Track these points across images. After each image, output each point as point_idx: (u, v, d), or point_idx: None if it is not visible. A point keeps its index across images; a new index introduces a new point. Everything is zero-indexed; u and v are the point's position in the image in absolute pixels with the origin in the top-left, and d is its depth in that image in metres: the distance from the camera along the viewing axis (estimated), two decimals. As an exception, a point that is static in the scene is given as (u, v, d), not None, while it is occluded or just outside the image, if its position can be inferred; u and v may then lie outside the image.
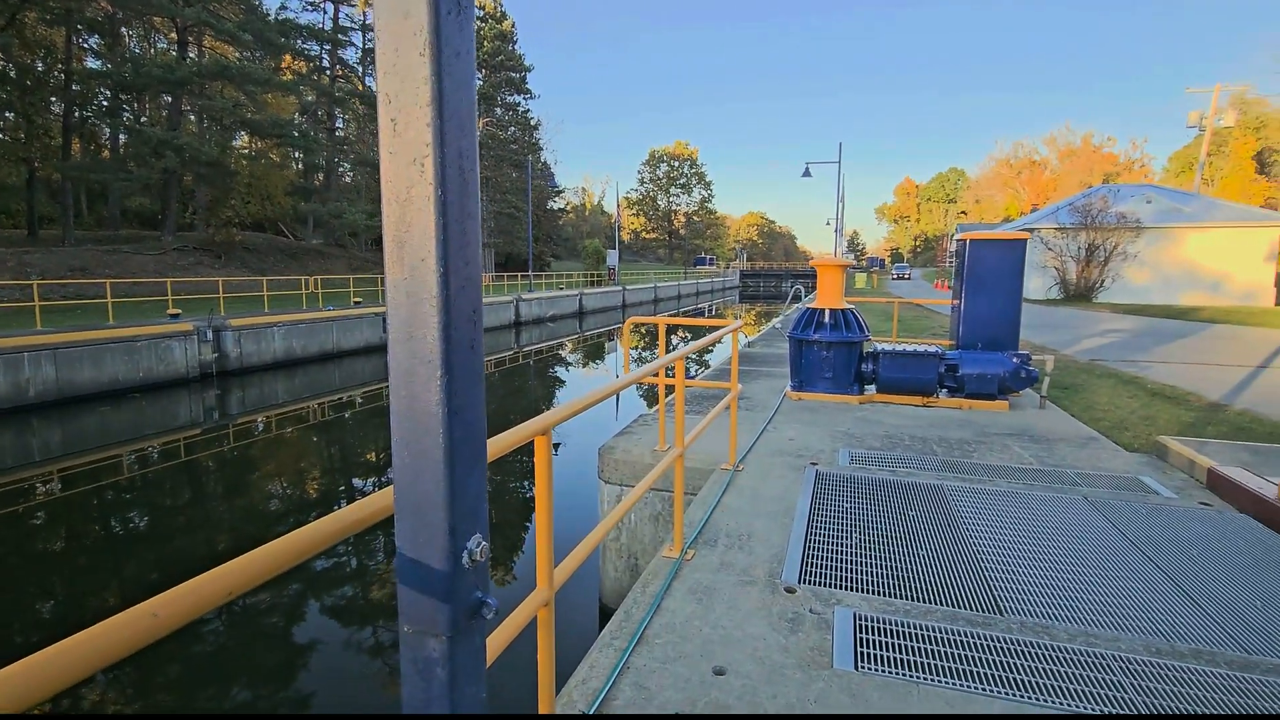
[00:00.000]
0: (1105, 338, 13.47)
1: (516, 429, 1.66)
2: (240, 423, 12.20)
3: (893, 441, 5.44)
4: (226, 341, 15.23)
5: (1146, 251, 25.68)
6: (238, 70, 28.81)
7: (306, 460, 10.48)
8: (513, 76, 51.06)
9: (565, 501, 7.89)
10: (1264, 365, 9.63)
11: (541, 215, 54.18)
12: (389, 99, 0.88)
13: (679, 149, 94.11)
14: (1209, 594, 2.92)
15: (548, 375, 19.24)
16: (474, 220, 0.96)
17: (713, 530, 3.58)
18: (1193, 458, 4.62)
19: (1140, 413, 6.40)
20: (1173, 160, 60.40)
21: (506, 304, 28.07)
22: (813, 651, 2.44)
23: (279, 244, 35.76)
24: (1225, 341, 12.90)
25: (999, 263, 6.87)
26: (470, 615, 1.01)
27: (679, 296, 51.71)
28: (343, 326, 18.67)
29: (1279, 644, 2.54)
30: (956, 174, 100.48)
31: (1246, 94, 47.46)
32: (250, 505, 8.32)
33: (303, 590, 6.02)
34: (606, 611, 5.02)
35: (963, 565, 3.17)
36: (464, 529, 0.98)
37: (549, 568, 1.77)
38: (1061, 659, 2.41)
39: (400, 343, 0.93)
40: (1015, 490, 4.20)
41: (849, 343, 6.86)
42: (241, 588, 0.87)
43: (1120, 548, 3.38)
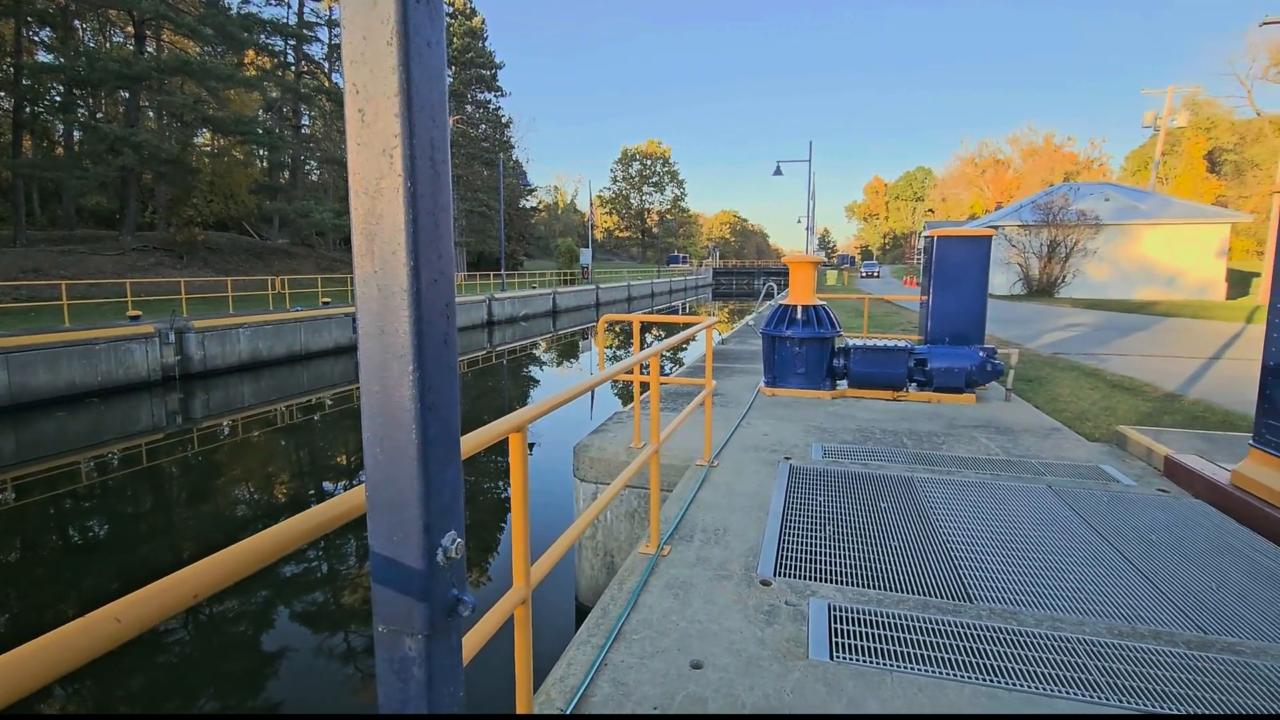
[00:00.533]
0: (1067, 332, 13.84)
1: (491, 426, 1.65)
2: (205, 427, 11.89)
3: (864, 435, 5.52)
4: (190, 343, 14.82)
5: (1105, 248, 26.45)
6: (198, 65, 27.98)
7: (275, 464, 10.26)
8: (483, 74, 50.56)
9: (541, 500, 7.84)
10: (1216, 357, 9.99)
11: (514, 214, 53.74)
12: (356, 89, 0.87)
13: (651, 147, 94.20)
14: (1167, 577, 3.02)
15: (522, 375, 19.12)
16: (446, 213, 0.95)
17: (688, 526, 3.59)
18: (1150, 446, 4.77)
19: (1101, 404, 6.59)
20: (1130, 159, 62.27)
21: (479, 303, 27.80)
22: (788, 643, 2.46)
23: (244, 244, 34.90)
24: (1179, 334, 13.36)
25: (965, 259, 7.01)
26: (447, 613, 1.00)
27: (653, 295, 51.77)
28: (311, 327, 18.30)
29: (1232, 623, 2.65)
30: (924, 173, 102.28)
31: (1198, 96, 49.15)
32: (217, 511, 8.11)
33: (272, 596, 5.89)
34: (583, 610, 5.01)
35: (933, 555, 3.23)
36: (439, 526, 0.97)
37: (525, 566, 1.76)
38: (1029, 643, 2.47)
39: (371, 337, 0.91)
40: (983, 480, 4.30)
41: (821, 339, 6.94)
42: (209, 589, 0.85)
43: (1083, 534, 3.48)
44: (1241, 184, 47.31)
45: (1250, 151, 47.57)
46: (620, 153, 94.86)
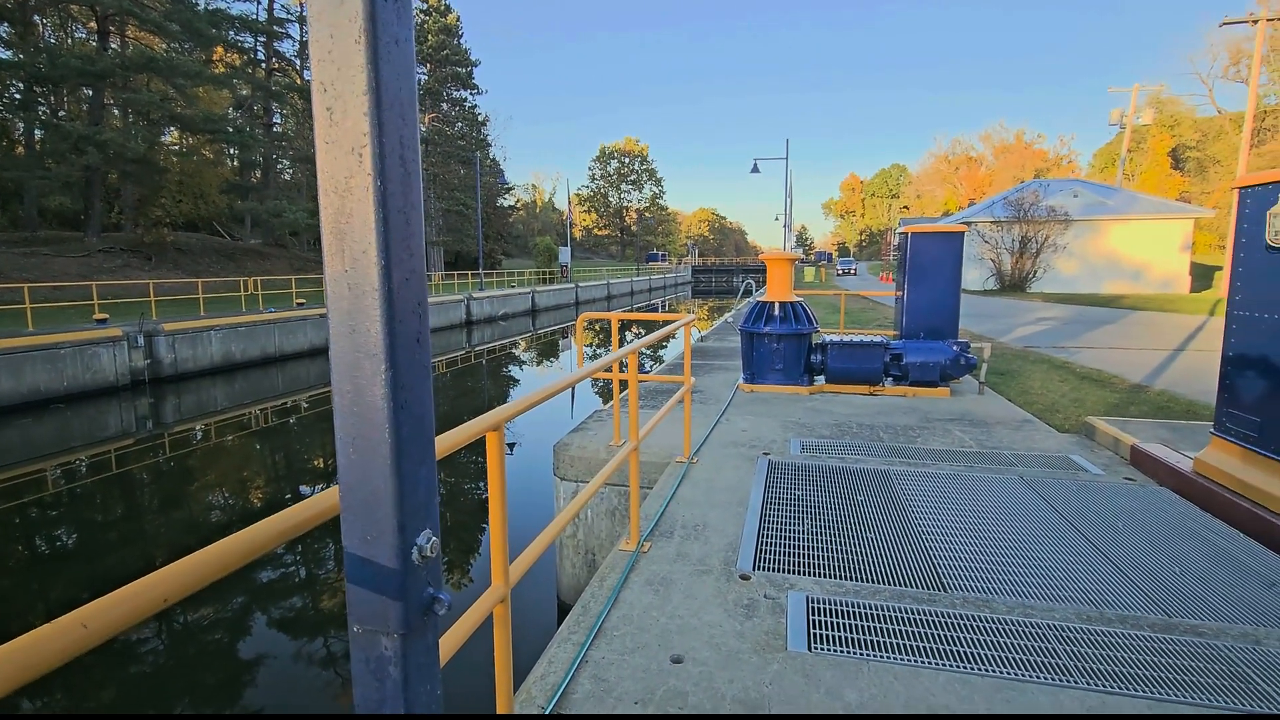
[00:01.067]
0: (1038, 325, 14.12)
1: (467, 425, 1.64)
2: (177, 431, 11.66)
3: (842, 430, 5.59)
4: (160, 347, 14.51)
5: (1074, 243, 27.03)
6: (165, 62, 27.33)
7: (250, 468, 10.09)
8: (458, 71, 50.08)
9: (522, 499, 7.82)
10: (1180, 348, 10.27)
11: (491, 213, 53.36)
12: (324, 88, 0.86)
13: (629, 145, 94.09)
14: (1133, 563, 3.11)
15: (501, 374, 19.01)
16: (417, 211, 0.95)
17: (669, 522, 3.61)
18: (1118, 436, 4.90)
19: (1070, 395, 6.74)
20: (1097, 156, 63.64)
21: (457, 303, 27.57)
22: (767, 635, 2.49)
23: (214, 244, 34.21)
24: (1145, 327, 13.70)
25: (939, 254, 7.12)
26: (423, 612, 1.00)
27: (632, 293, 51.78)
28: (285, 329, 18.02)
29: (1195, 606, 2.73)
30: (899, 170, 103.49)
31: (1162, 94, 50.37)
32: (190, 516, 7.96)
33: (249, 600, 5.80)
34: (565, 608, 5.01)
35: (909, 546, 3.29)
36: (414, 525, 0.97)
37: (504, 564, 1.76)
38: (1001, 630, 2.52)
39: (343, 336, 0.91)
40: (957, 472, 4.38)
41: (798, 335, 7.00)
42: (179, 593, 0.84)
43: (1054, 523, 3.56)
44: (1204, 180, 48.62)
45: (1212, 148, 48.89)
46: (598, 151, 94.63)
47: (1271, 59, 42.67)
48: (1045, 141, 71.96)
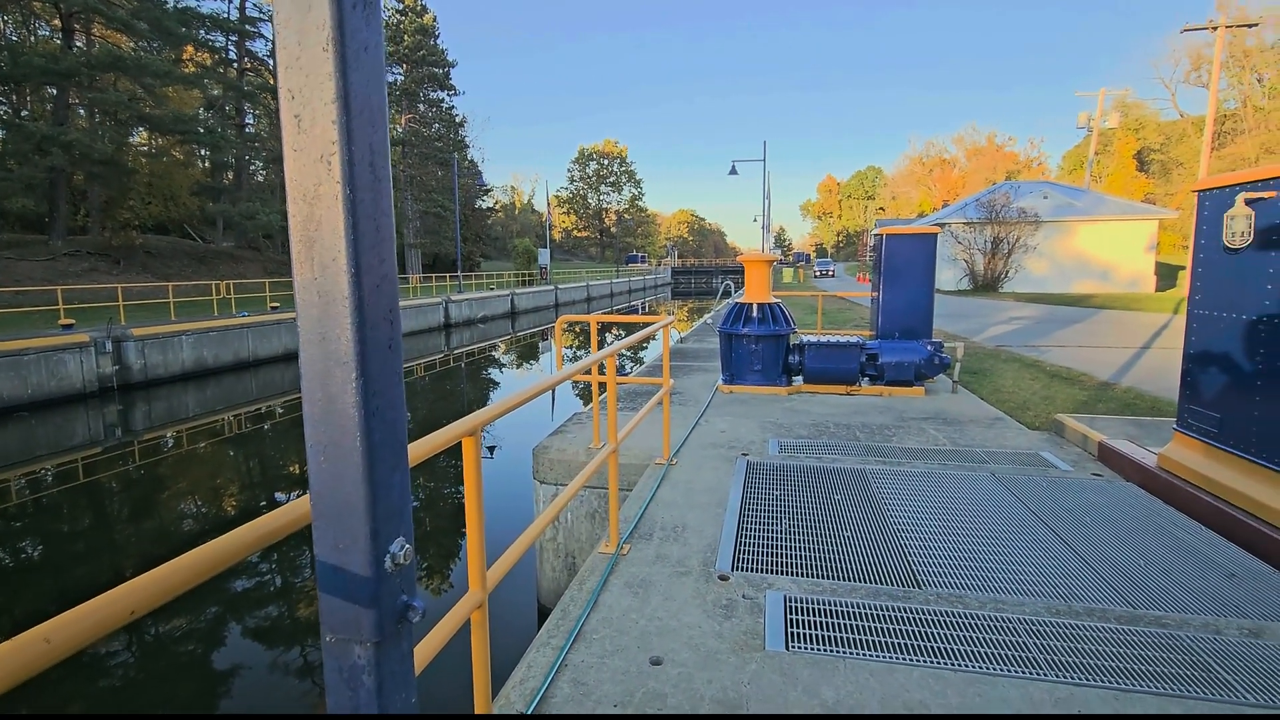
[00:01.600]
0: (1010, 325, 14.39)
1: (444, 430, 1.64)
2: (147, 439, 11.40)
3: (819, 430, 5.65)
4: (129, 352, 14.18)
5: (1045, 244, 27.59)
6: (132, 61, 26.74)
7: (223, 475, 9.90)
8: (435, 72, 49.67)
9: (502, 504, 7.77)
10: (1146, 346, 10.54)
11: (470, 214, 52.96)
12: (292, 95, 0.86)
13: (608, 147, 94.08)
14: (1100, 556, 3.19)
15: (480, 377, 18.89)
16: (388, 217, 0.95)
17: (648, 524, 3.62)
18: (1086, 433, 5.02)
19: (1041, 393, 6.89)
20: (1066, 158, 65.02)
21: (435, 306, 27.34)
22: (745, 635, 2.51)
23: (185, 247, 33.53)
24: (1113, 326, 14.03)
25: (913, 256, 7.23)
26: (396, 620, 1.00)
27: (612, 294, 51.76)
28: (258, 333, 17.72)
29: (1159, 598, 2.81)
30: (874, 172, 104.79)
31: (1127, 98, 51.63)
32: (162, 526, 7.79)
33: (223, 610, 5.70)
34: (545, 611, 4.99)
35: (884, 543, 3.33)
36: (387, 532, 0.97)
37: (481, 570, 1.76)
38: (974, 625, 2.57)
39: (313, 344, 0.91)
40: (931, 470, 4.45)
41: (776, 336, 7.06)
42: (147, 606, 0.83)
43: (1024, 519, 3.63)
44: (1168, 182, 49.94)
45: (1175, 151, 50.26)
46: (577, 152, 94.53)
47: (1230, 64, 44.00)
48: (1016, 144, 73.51)
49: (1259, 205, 3.35)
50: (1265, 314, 3.32)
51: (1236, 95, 46.48)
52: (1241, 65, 45.28)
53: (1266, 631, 2.54)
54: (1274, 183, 3.26)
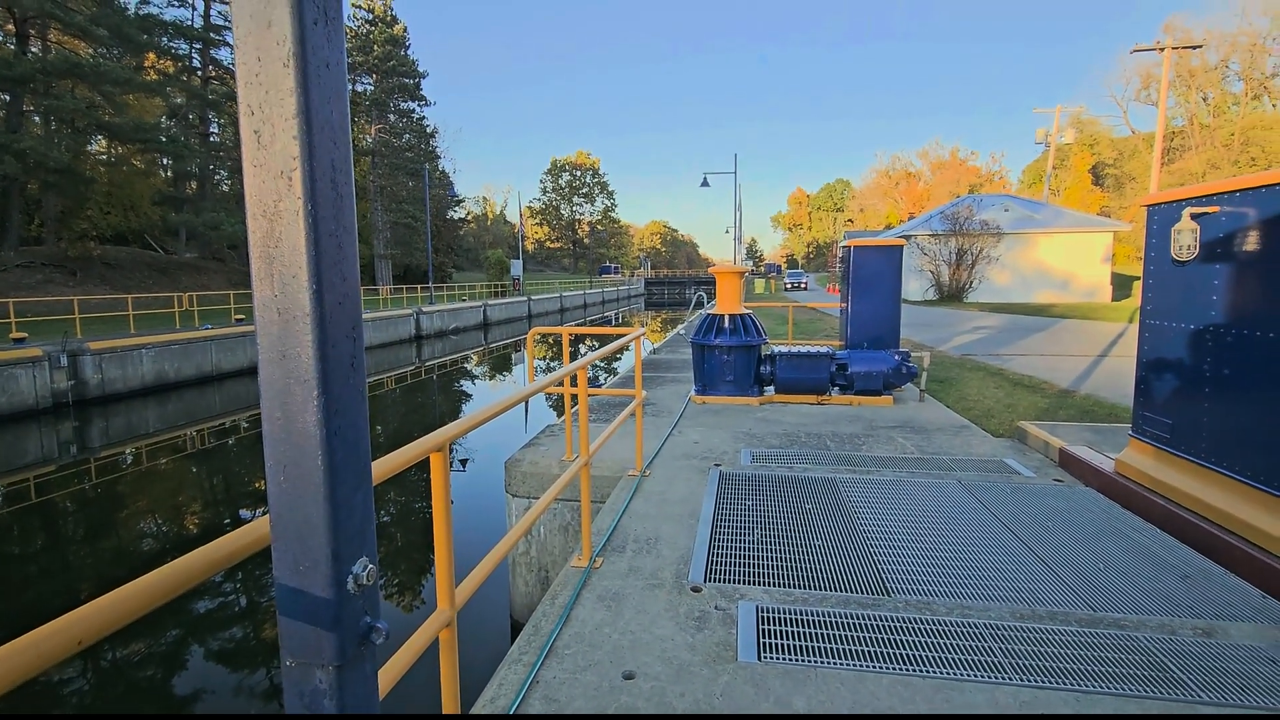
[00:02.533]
0: (975, 334, 14.73)
1: (411, 446, 1.62)
2: (104, 456, 11.02)
3: (790, 439, 5.70)
4: (85, 367, 13.72)
5: (1007, 255, 28.36)
6: (91, 68, 26.04)
7: (184, 493, 9.61)
8: (406, 82, 49.34)
9: (473, 517, 7.68)
10: (1103, 354, 10.88)
11: (441, 225, 52.53)
12: (251, 110, 0.86)
13: (581, 158, 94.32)
14: (1062, 561, 3.27)
15: (452, 390, 18.68)
16: (350, 234, 0.94)
17: (621, 537, 3.61)
18: (1047, 440, 5.15)
19: (1004, 401, 7.05)
20: (1026, 172, 67.08)
21: (406, 317, 27.00)
22: (718, 647, 2.52)
23: (146, 258, 32.63)
24: (1073, 334, 14.46)
25: (880, 267, 7.38)
26: (359, 642, 0.98)
27: (585, 305, 51.71)
28: (222, 346, 17.30)
29: (1117, 600, 2.89)
30: (843, 184, 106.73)
31: (1082, 115, 53.55)
32: (119, 548, 7.52)
33: (182, 634, 5.51)
34: (518, 627, 4.93)
35: (854, 552, 3.37)
36: (349, 552, 0.96)
37: (449, 587, 1.73)
38: (941, 631, 2.61)
39: (273, 362, 0.90)
40: (899, 478, 4.52)
41: (748, 346, 7.13)
42: (95, 634, 0.80)
43: (989, 525, 3.71)
44: (1121, 195, 51.80)
45: (1128, 166, 52.21)
46: (550, 163, 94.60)
47: (1177, 84, 45.93)
48: (978, 158, 75.69)
49: (1203, 220, 3.50)
50: (1211, 324, 3.46)
51: (1184, 113, 48.53)
52: (1188, 85, 47.34)
53: (1217, 631, 2.63)
54: (1217, 198, 3.41)
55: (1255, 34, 45.53)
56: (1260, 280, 3.18)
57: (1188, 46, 30.97)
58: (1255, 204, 3.18)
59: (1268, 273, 3.13)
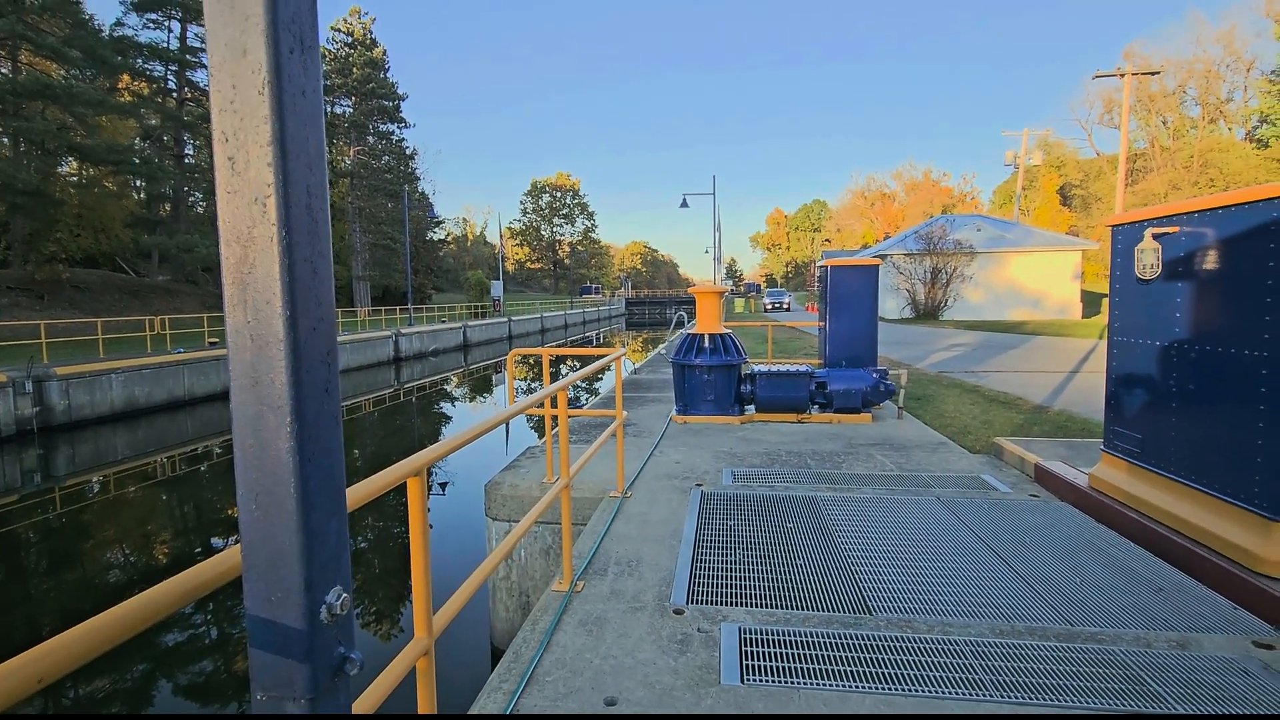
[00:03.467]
0: (950, 351, 14.97)
1: (387, 471, 1.60)
2: (70, 485, 10.70)
3: (771, 458, 5.72)
4: (51, 392, 13.37)
5: (980, 273, 28.97)
6: (63, 89, 25.78)
7: (155, 522, 9.35)
8: (385, 105, 49.45)
9: (454, 543, 7.57)
10: (1075, 370, 11.10)
11: (421, 246, 52.34)
12: (226, 137, 0.86)
13: (561, 180, 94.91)
14: (1039, 576, 3.30)
15: (432, 412, 18.48)
16: (325, 260, 0.94)
17: (602, 559, 3.58)
18: (1023, 455, 5.23)
19: (980, 418, 7.16)
20: (996, 193, 68.76)
21: (384, 339, 26.75)
22: (701, 670, 2.50)
23: (117, 281, 32.05)
24: (1046, 351, 14.75)
25: (857, 286, 7.48)
26: (333, 674, 0.97)
27: (566, 326, 51.67)
28: (195, 370, 16.97)
29: (1094, 614, 2.92)
30: (820, 205, 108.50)
31: (1049, 137, 55.26)
32: (85, 580, 7.28)
33: (151, 668, 5.33)
34: (499, 653, 4.84)
35: (836, 570, 3.38)
36: (323, 582, 0.94)
37: (427, 615, 1.70)
38: (923, 649, 2.62)
39: (246, 389, 0.89)
40: (879, 496, 4.55)
41: (728, 366, 7.17)
42: (56, 672, 0.78)
43: (968, 541, 3.74)
44: (1088, 215, 53.27)
45: (1093, 187, 53.78)
46: (530, 185, 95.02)
47: (1139, 108, 47.59)
48: (950, 179, 77.54)
49: (1165, 239, 3.62)
50: (1175, 340, 3.56)
51: (1145, 136, 50.26)
52: (1148, 109, 49.10)
53: (1191, 643, 2.67)
54: (1177, 219, 3.53)
55: (1210, 61, 47.53)
56: (1219, 297, 3.29)
57: (1147, 73, 32.22)
58: (1213, 224, 3.29)
59: (1226, 290, 3.24)
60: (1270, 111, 44.58)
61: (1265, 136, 45.26)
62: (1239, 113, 48.48)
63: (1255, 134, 47.24)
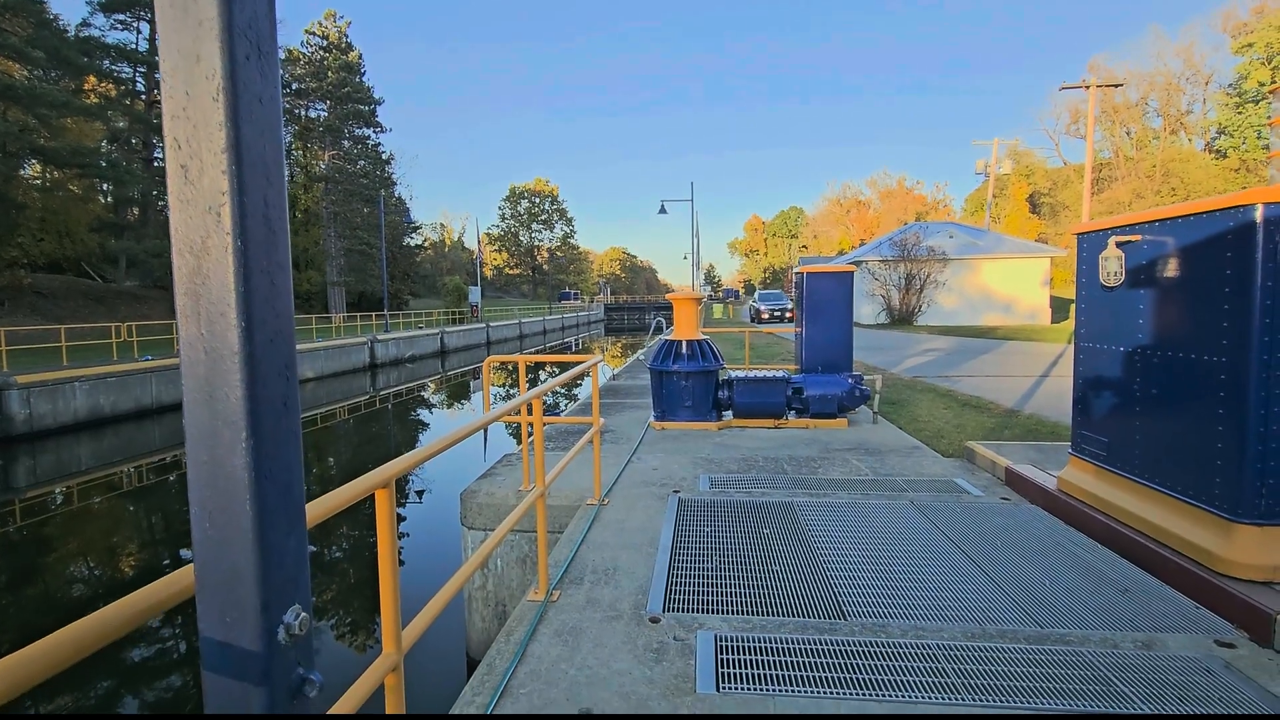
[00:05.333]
0: (924, 356, 15.18)
1: (355, 483, 1.57)
2: (29, 497, 10.36)
3: (748, 464, 5.74)
4: (11, 401, 12.95)
5: (953, 279, 29.48)
6: (25, 90, 25.11)
7: (119, 534, 9.09)
8: (360, 109, 48.92)
9: (429, 553, 7.48)
10: (1045, 374, 11.33)
11: (397, 252, 51.79)
12: (179, 144, 0.83)
13: (539, 185, 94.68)
14: (1010, 578, 3.35)
15: (407, 419, 18.25)
16: (284, 270, 0.92)
17: (579, 568, 3.55)
18: (994, 459, 5.31)
19: (953, 422, 7.26)
20: (968, 201, 70.05)
21: (360, 346, 26.39)
22: (676, 679, 2.48)
23: (82, 287, 31.22)
24: (1017, 356, 15.03)
25: (832, 292, 7.56)
26: (291, 696, 0.94)
27: (544, 332, 51.46)
28: (164, 378, 16.57)
29: (1063, 616, 2.97)
30: (796, 212, 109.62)
31: (1018, 146, 56.46)
32: (46, 595, 7.04)
33: (101, 693, 5.16)
34: (474, 664, 4.77)
35: (811, 576, 3.39)
36: (280, 601, 0.92)
37: (395, 629, 1.67)
38: (896, 654, 2.64)
39: (199, 404, 0.86)
40: (855, 500, 4.59)
41: (706, 372, 7.18)
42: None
43: (941, 545, 3.78)
44: (1056, 223, 54.54)
45: (1061, 195, 55.11)
46: (508, 190, 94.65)
47: (1104, 119, 48.91)
48: (924, 187, 78.93)
49: (1127, 248, 3.71)
50: (1139, 345, 3.64)
51: (1110, 146, 51.67)
52: (1113, 120, 50.49)
53: (1156, 643, 2.72)
54: (1139, 227, 3.62)
55: (1170, 74, 49.09)
56: (1180, 304, 3.37)
57: (1110, 85, 33.11)
58: (1173, 233, 3.38)
59: (1186, 297, 3.33)
60: (1228, 123, 46.15)
61: (1223, 147, 46.83)
62: (1198, 124, 50.12)
63: (1214, 144, 48.86)
